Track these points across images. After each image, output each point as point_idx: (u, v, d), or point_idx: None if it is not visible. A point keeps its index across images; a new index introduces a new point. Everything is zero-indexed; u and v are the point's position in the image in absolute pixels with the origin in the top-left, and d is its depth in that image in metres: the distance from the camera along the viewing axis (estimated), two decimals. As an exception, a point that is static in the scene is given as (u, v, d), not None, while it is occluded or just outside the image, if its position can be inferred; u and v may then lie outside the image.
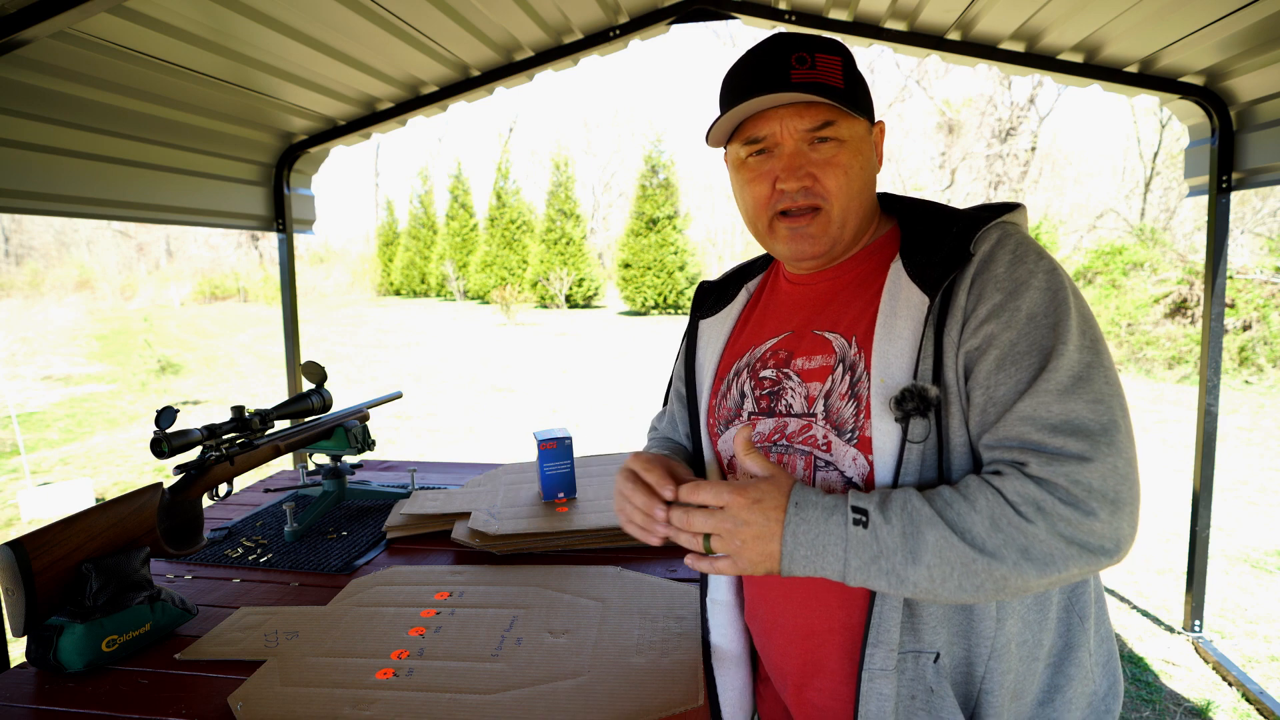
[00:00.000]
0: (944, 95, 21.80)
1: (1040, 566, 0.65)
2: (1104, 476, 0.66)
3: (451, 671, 0.99)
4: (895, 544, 0.68)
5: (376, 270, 31.09)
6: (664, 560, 1.35)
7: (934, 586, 0.67)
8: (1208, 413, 2.55)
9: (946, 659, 0.76)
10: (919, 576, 0.67)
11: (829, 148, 0.80)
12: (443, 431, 7.10)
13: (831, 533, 0.70)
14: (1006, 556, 0.66)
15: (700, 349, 1.01)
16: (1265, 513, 4.22)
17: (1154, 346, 8.74)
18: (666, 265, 20.22)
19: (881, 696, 0.76)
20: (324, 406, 1.62)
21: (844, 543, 0.69)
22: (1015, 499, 0.66)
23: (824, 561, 0.70)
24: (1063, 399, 0.68)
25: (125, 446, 6.52)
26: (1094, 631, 0.82)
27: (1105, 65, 2.43)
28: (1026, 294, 0.72)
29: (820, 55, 0.80)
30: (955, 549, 0.66)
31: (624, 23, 2.58)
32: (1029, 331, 0.71)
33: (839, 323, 0.84)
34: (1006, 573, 0.66)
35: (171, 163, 2.33)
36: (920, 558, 0.67)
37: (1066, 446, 0.67)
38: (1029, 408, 0.69)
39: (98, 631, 1.03)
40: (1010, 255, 0.75)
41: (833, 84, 0.79)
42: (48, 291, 25.48)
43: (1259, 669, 2.63)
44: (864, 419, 0.77)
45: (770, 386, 0.87)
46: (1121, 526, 0.66)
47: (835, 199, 0.81)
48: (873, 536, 0.69)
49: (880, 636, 0.75)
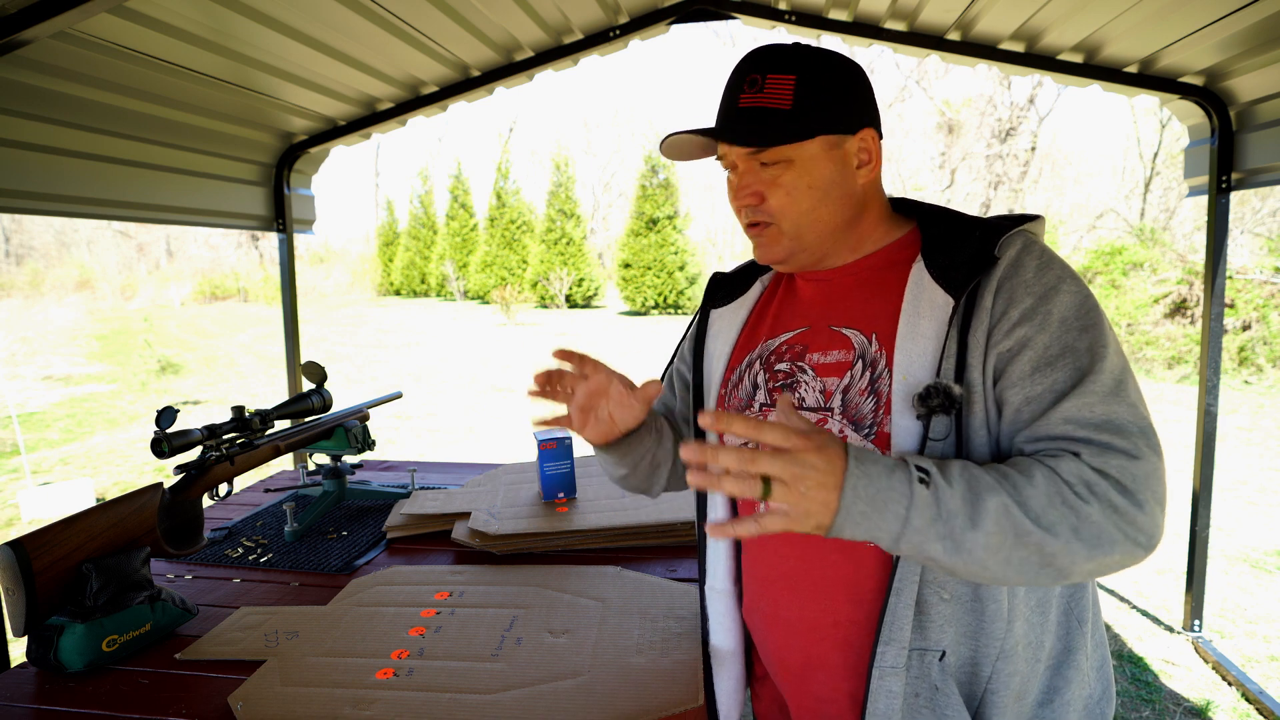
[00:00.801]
0: (944, 95, 21.81)
1: (1090, 547, 0.66)
2: (1149, 474, 0.68)
3: (451, 671, 0.99)
4: (957, 506, 0.66)
5: (376, 270, 31.07)
6: (664, 560, 1.35)
7: (986, 557, 0.66)
8: (1207, 413, 2.55)
9: (952, 658, 0.77)
10: (976, 543, 0.65)
11: (774, 169, 0.83)
12: (443, 431, 7.10)
13: (895, 489, 0.65)
14: (1060, 532, 0.66)
15: (711, 338, 1.02)
16: (1265, 513, 4.22)
17: (1154, 346, 8.74)
18: (666, 265, 20.22)
19: (891, 694, 0.76)
20: (324, 406, 1.62)
21: (908, 499, 0.65)
22: (1072, 479, 0.67)
23: (881, 519, 0.65)
24: (1106, 401, 0.70)
25: (125, 446, 6.52)
26: (1090, 635, 0.83)
27: (1105, 65, 2.43)
28: (1057, 298, 0.74)
29: (772, 76, 0.81)
30: (1013, 518, 0.65)
31: (624, 23, 2.58)
32: (1061, 335, 0.73)
33: (858, 319, 0.85)
34: (1057, 549, 0.66)
35: (171, 163, 2.33)
36: (980, 523, 0.65)
37: (1113, 442, 0.69)
38: (1073, 408, 0.70)
39: (98, 631, 1.03)
40: (1037, 261, 0.77)
41: (777, 106, 0.80)
42: (48, 291, 25.48)
43: (1258, 669, 2.63)
44: (883, 415, 0.78)
45: (784, 379, 0.88)
46: (1161, 524, 0.68)
47: (782, 217, 0.85)
48: (934, 496, 0.66)
49: (893, 634, 0.76)
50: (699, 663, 0.98)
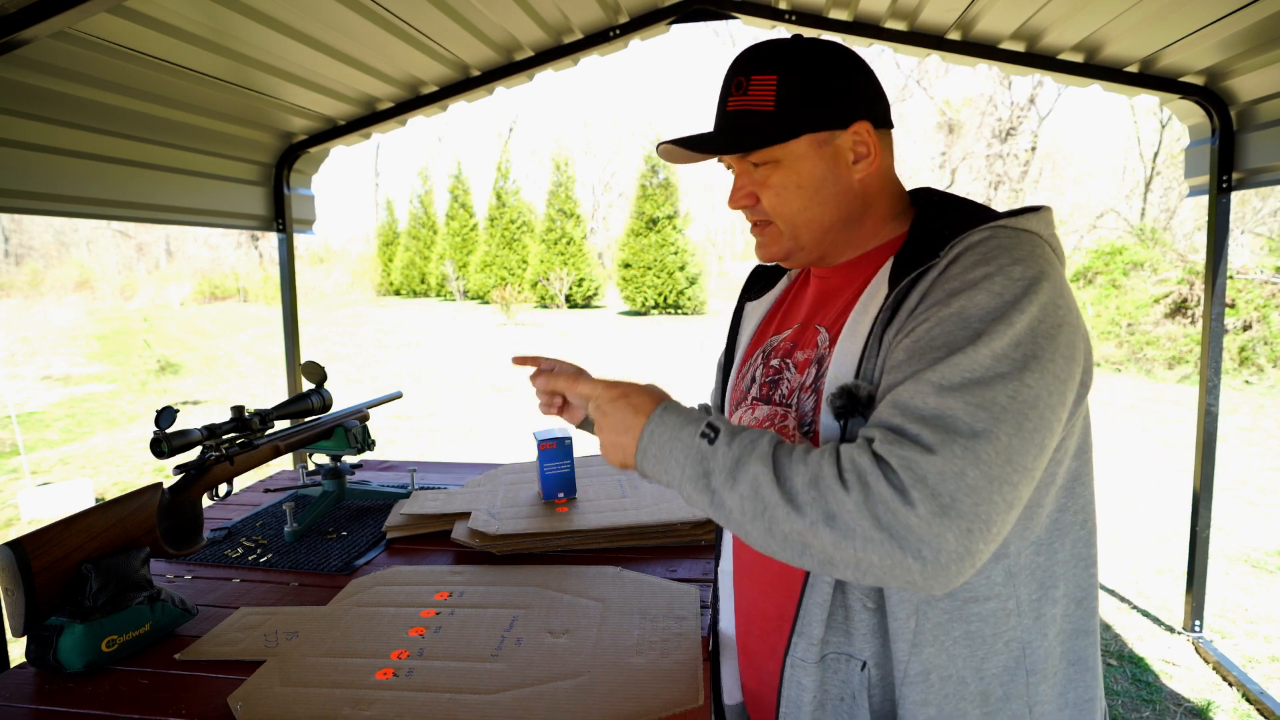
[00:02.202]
0: (944, 95, 21.83)
1: (841, 536, 0.61)
2: (942, 475, 0.59)
3: (451, 671, 0.98)
4: (723, 465, 0.69)
5: (376, 270, 31.07)
6: (664, 560, 1.35)
7: (744, 521, 0.68)
8: (1208, 413, 2.55)
9: (874, 670, 0.76)
10: (732, 503, 0.68)
11: (764, 170, 0.83)
12: (443, 431, 7.10)
13: (680, 439, 0.73)
14: (809, 514, 0.63)
15: (742, 330, 1.05)
16: (1265, 513, 4.22)
17: (1154, 346, 8.74)
18: (666, 265, 20.22)
19: (800, 687, 0.77)
20: (324, 406, 1.62)
21: (686, 451, 0.72)
22: (845, 465, 0.64)
23: (667, 466, 0.74)
24: (941, 393, 0.63)
25: (125, 446, 6.52)
26: (1053, 694, 0.75)
27: (1105, 65, 2.43)
28: (970, 294, 0.67)
29: (755, 77, 0.81)
30: (767, 489, 0.66)
31: (624, 23, 2.58)
32: (950, 328, 0.66)
33: (828, 318, 0.86)
34: (804, 529, 0.63)
35: (171, 163, 2.33)
36: (737, 485, 0.68)
37: (921, 435, 0.61)
38: (905, 394, 0.65)
39: (97, 631, 1.02)
40: (978, 256, 0.69)
41: (760, 109, 0.80)
42: (48, 291, 25.48)
43: (1259, 669, 2.63)
44: (815, 415, 0.80)
45: (773, 375, 0.90)
46: (945, 536, 0.58)
47: (776, 215, 0.84)
48: (710, 452, 0.71)
49: (804, 628, 0.77)
50: (699, 663, 0.98)
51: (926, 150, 21.99)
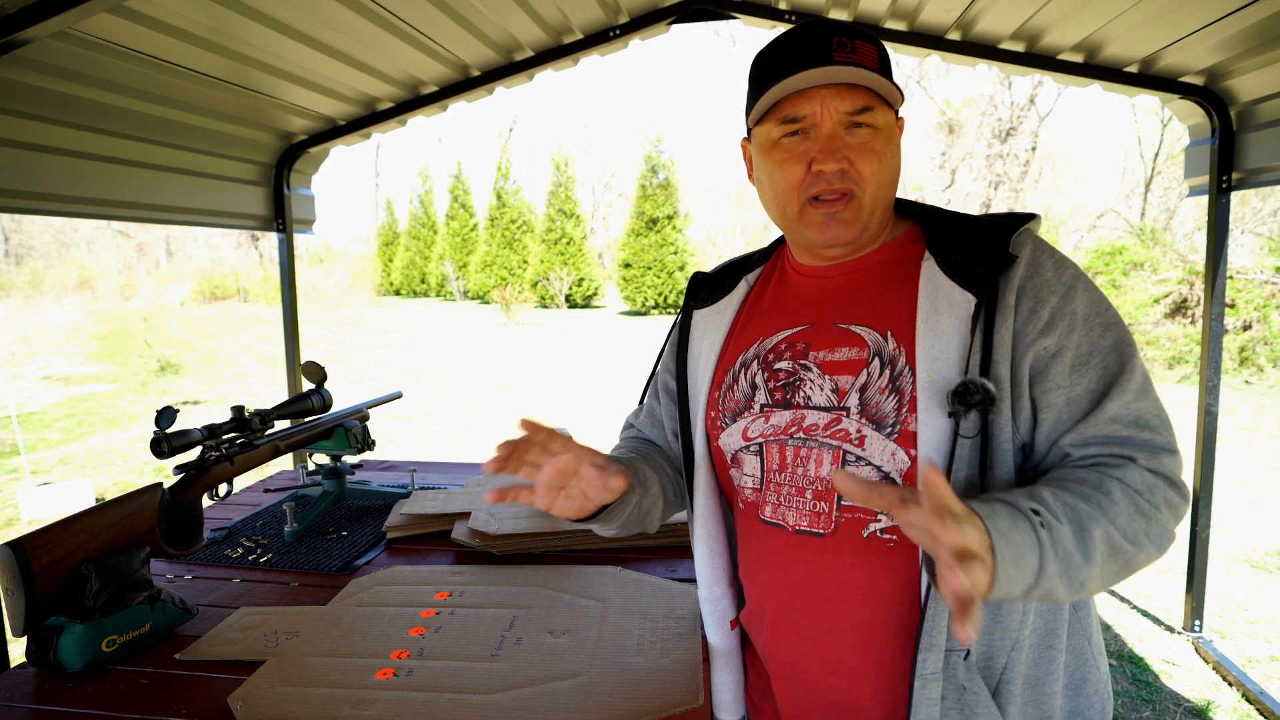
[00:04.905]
0: (944, 95, 21.81)
1: (1159, 548, 0.70)
2: (1182, 463, 0.75)
3: (451, 671, 0.98)
4: (1071, 545, 0.64)
5: (376, 270, 31.06)
6: (664, 560, 1.35)
7: (1096, 587, 0.67)
8: (1208, 413, 2.55)
9: (975, 655, 0.77)
10: (1091, 576, 0.65)
11: (865, 133, 0.79)
12: (443, 431, 7.10)
13: (1024, 538, 0.62)
14: (1143, 543, 0.69)
15: (695, 340, 0.99)
16: (1265, 513, 4.22)
17: (1154, 346, 8.74)
18: (666, 265, 20.22)
19: (932, 701, 0.75)
20: (324, 406, 1.62)
21: (1037, 548, 0.62)
22: (1141, 488, 0.70)
23: (1018, 570, 0.61)
24: (1139, 399, 0.74)
25: (125, 446, 6.52)
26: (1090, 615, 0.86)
27: (1105, 65, 2.43)
28: (1078, 297, 0.77)
29: (860, 43, 0.79)
30: (1114, 541, 0.67)
31: (624, 23, 2.58)
32: (1088, 334, 0.76)
33: (868, 317, 0.83)
34: (1141, 559, 0.69)
35: (171, 163, 2.33)
36: (1092, 555, 0.65)
37: (1152, 440, 0.73)
38: (1116, 408, 0.74)
39: (97, 631, 1.02)
40: (1052, 260, 0.79)
41: (872, 71, 0.79)
42: (48, 291, 25.49)
43: (1259, 669, 2.63)
44: (907, 413, 0.77)
45: (786, 378, 0.86)
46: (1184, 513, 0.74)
47: (868, 185, 0.80)
48: (1051, 538, 0.63)
49: (934, 640, 0.74)
50: (699, 663, 0.98)
51: (926, 150, 21.98)
